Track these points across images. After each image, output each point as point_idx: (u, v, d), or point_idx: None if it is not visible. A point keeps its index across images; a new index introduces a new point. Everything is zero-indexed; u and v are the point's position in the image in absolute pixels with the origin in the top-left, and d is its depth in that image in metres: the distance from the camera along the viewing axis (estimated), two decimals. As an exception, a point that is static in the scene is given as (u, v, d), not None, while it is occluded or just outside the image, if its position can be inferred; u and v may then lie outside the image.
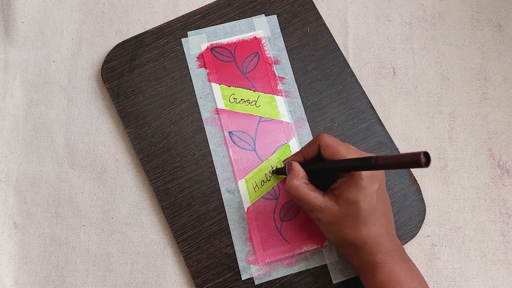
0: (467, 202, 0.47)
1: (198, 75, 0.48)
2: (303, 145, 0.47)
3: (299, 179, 0.39)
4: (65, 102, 0.49)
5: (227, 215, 0.45)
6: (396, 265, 0.37)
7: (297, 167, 0.40)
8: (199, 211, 0.45)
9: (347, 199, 0.36)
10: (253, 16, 0.50)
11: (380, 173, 0.38)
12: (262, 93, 0.48)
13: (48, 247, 0.46)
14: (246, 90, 0.48)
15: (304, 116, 0.48)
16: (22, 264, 0.46)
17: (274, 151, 0.47)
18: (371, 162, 0.33)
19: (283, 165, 0.45)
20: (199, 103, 0.48)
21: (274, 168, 0.46)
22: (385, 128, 0.48)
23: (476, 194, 0.47)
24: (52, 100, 0.50)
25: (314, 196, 0.38)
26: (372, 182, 0.37)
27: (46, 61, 0.50)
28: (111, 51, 0.49)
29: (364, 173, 0.36)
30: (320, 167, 0.39)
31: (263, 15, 0.50)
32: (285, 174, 0.44)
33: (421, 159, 0.29)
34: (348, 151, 0.37)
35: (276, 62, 0.49)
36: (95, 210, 0.47)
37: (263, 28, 0.50)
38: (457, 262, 0.46)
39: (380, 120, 0.48)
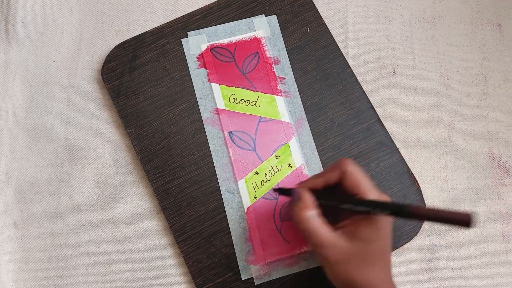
0: (467, 202, 0.47)
1: (198, 75, 0.49)
2: (303, 145, 0.47)
3: (311, 209, 0.36)
4: (65, 102, 0.49)
5: (227, 215, 0.45)
6: None
7: (308, 196, 0.36)
8: (199, 211, 0.45)
9: (364, 238, 0.34)
10: (253, 16, 0.50)
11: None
12: (262, 93, 0.48)
13: (48, 247, 0.46)
14: (246, 90, 0.48)
15: (304, 116, 0.48)
16: (22, 264, 0.46)
17: (274, 151, 0.47)
18: (407, 210, 0.32)
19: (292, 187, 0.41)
20: (199, 103, 0.48)
21: (278, 187, 0.43)
22: (385, 128, 0.48)
23: (476, 194, 0.47)
24: (52, 100, 0.50)
25: (325, 231, 0.35)
26: (389, 222, 0.35)
27: (46, 61, 0.50)
28: (111, 51, 0.49)
29: None
30: (347, 207, 0.35)
31: (263, 15, 0.50)
32: (289, 195, 0.40)
33: (470, 220, 0.29)
34: (369, 188, 0.35)
35: (276, 62, 0.49)
36: (95, 210, 0.47)
37: (263, 28, 0.50)
38: (457, 262, 0.46)
39: (380, 120, 0.48)
